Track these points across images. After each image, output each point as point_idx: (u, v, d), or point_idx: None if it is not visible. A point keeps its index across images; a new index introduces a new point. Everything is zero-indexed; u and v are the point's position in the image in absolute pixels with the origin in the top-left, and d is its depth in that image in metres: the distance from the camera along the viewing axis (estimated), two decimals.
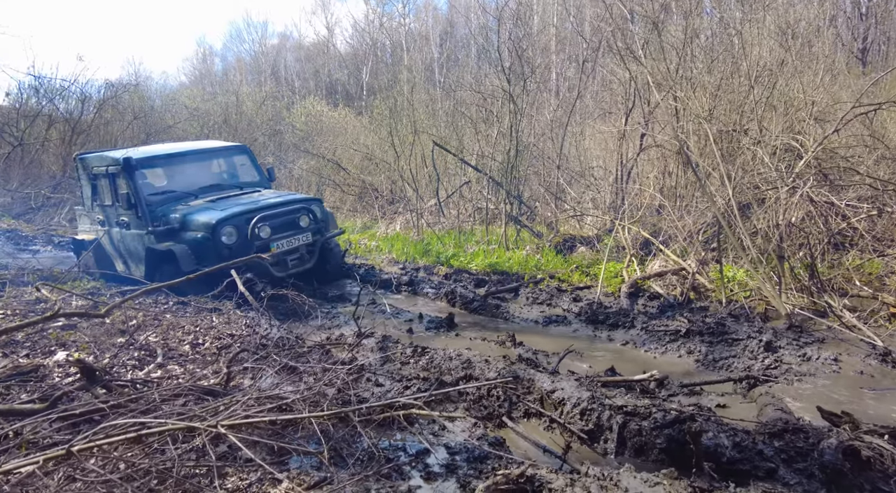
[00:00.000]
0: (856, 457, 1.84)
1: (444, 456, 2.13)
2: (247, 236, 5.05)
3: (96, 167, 5.96)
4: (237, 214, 5.18)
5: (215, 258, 4.68)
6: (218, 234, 4.94)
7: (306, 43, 45.75)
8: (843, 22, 33.19)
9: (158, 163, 6.00)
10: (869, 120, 6.23)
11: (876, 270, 6.44)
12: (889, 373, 3.16)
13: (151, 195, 5.56)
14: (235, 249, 4.95)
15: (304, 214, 5.68)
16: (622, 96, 9.42)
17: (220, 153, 6.77)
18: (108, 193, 5.87)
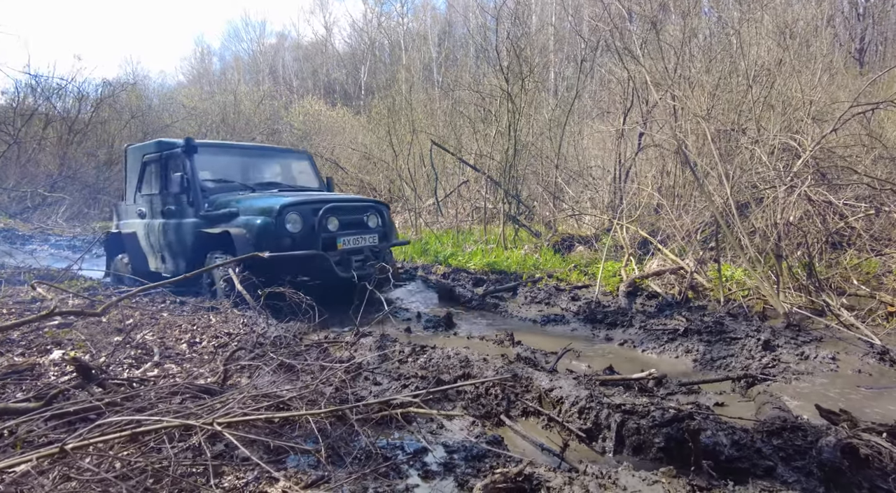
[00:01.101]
0: (854, 455, 1.84)
1: (442, 455, 2.12)
2: (313, 227, 4.67)
3: (149, 154, 5.74)
4: (304, 201, 4.83)
5: (276, 246, 4.36)
6: (282, 219, 4.53)
7: (304, 42, 45.71)
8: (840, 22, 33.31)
9: (218, 151, 5.79)
10: (867, 119, 6.24)
11: (874, 269, 6.45)
12: (887, 372, 3.16)
13: (207, 182, 5.27)
14: (299, 239, 4.58)
15: (372, 213, 5.32)
16: (620, 96, 9.44)
17: (282, 155, 6.55)
18: (156, 181, 5.61)
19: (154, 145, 5.78)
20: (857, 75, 15.97)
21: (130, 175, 6.14)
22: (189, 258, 5.07)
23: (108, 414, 1.99)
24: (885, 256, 6.43)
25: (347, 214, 5.09)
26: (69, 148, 17.37)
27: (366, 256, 5.11)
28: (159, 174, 5.54)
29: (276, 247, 4.33)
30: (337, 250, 4.80)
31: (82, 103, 18.35)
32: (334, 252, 4.75)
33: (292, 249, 4.48)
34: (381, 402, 2.20)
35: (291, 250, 4.49)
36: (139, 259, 5.88)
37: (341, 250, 4.83)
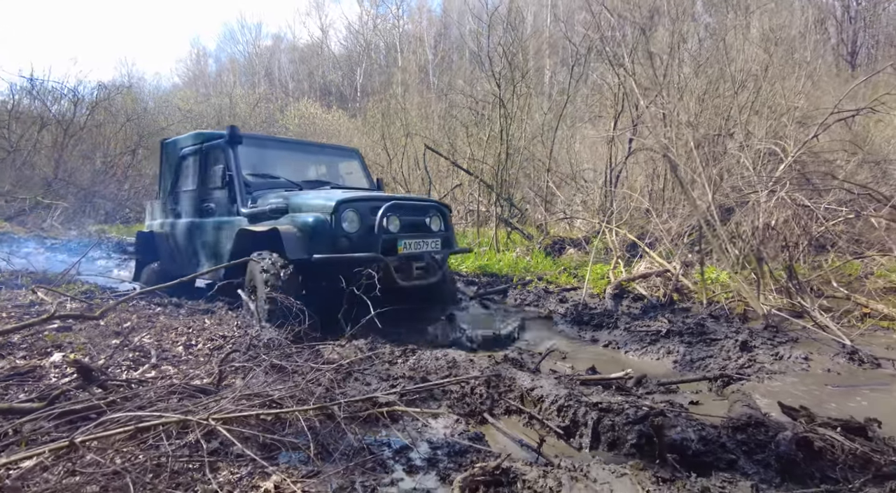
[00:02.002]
0: (809, 448, 1.97)
1: (426, 451, 2.24)
2: (371, 228, 4.11)
3: (187, 147, 5.36)
4: (363, 198, 4.31)
5: (330, 247, 3.89)
6: (339, 217, 3.99)
7: (300, 44, 45.78)
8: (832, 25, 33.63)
9: (263, 144, 5.32)
10: (848, 125, 6.40)
11: (855, 271, 6.62)
12: (855, 371, 3.30)
13: (251, 176, 4.77)
14: (356, 239, 4.03)
15: (435, 215, 4.75)
16: (611, 101, 9.60)
17: (331, 152, 6.03)
18: (194, 176, 5.22)
19: (193, 137, 5.42)
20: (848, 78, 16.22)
21: (166, 171, 5.78)
22: (228, 261, 4.50)
23: (109, 413, 2.11)
24: (866, 258, 6.60)
25: (409, 215, 4.52)
26: (64, 151, 17.41)
27: (427, 263, 4.52)
28: (198, 169, 5.16)
29: (331, 248, 3.89)
30: (397, 254, 4.23)
31: (77, 106, 18.40)
32: (394, 257, 4.18)
33: (349, 251, 3.98)
34: (364, 398, 2.32)
35: (348, 253, 3.98)
36: (171, 262, 5.52)
37: (401, 255, 4.26)
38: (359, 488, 1.98)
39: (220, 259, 4.72)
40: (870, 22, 34.00)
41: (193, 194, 5.21)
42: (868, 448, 1.95)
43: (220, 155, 4.85)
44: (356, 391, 2.75)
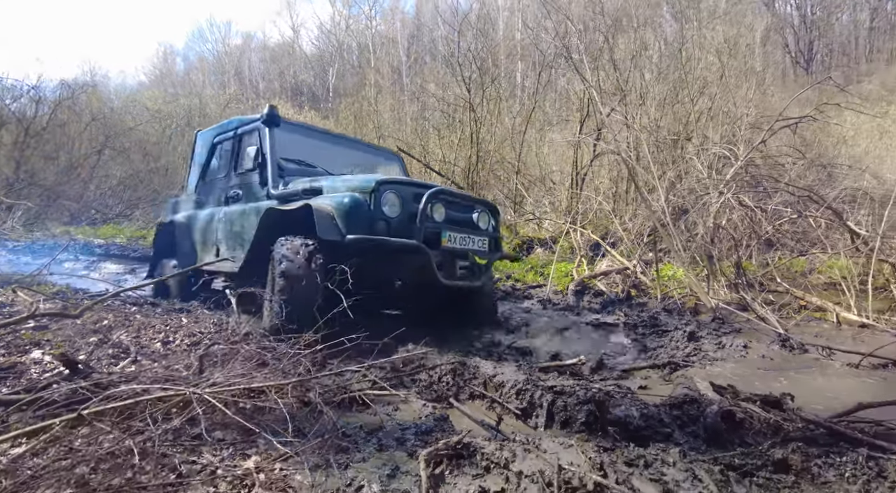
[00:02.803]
0: (731, 419, 2.24)
1: (396, 431, 2.44)
2: (413, 215, 3.69)
3: (221, 135, 5.14)
4: (405, 182, 3.95)
5: (366, 230, 3.48)
6: (378, 199, 3.60)
7: (271, 44, 45.32)
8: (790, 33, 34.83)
9: (302, 132, 5.01)
10: (793, 131, 6.84)
11: (800, 268, 7.08)
12: (787, 356, 3.64)
13: (285, 161, 4.49)
14: (395, 225, 3.62)
15: (484, 212, 4.36)
16: (577, 106, 9.96)
17: (371, 151, 5.64)
18: (225, 163, 4.98)
19: (229, 123, 5.20)
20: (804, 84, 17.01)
21: (195, 163, 5.57)
22: (251, 247, 4.06)
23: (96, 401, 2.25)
24: (808, 256, 7.08)
25: (455, 207, 4.14)
26: (25, 151, 16.96)
27: (472, 264, 4.19)
28: (229, 155, 4.92)
29: (368, 232, 3.47)
30: (440, 246, 3.79)
31: (39, 105, 17.94)
32: (436, 250, 3.75)
33: (386, 235, 3.54)
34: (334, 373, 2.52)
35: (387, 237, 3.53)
36: (189, 256, 5.22)
37: (444, 249, 3.84)
38: (333, 464, 2.17)
39: (241, 245, 4.28)
40: (823, 31, 35.55)
41: (221, 182, 4.96)
42: (780, 418, 2.24)
43: (255, 137, 4.58)
44: (331, 380, 2.94)
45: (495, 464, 2.05)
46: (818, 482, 1.92)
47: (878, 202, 6.81)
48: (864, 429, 2.13)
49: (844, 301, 4.87)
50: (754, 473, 1.98)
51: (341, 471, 2.13)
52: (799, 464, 1.98)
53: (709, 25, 10.19)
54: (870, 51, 32.63)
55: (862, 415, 2.30)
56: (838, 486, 1.88)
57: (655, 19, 11.72)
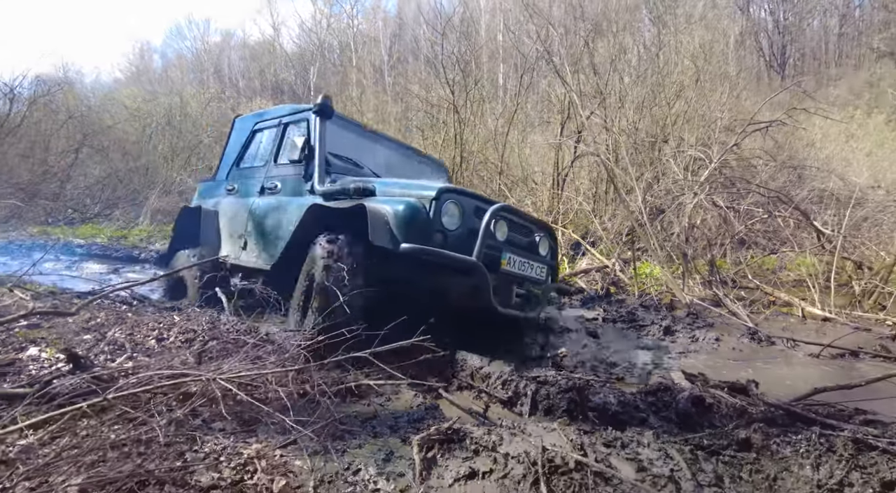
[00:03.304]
0: (701, 404, 2.43)
1: (389, 420, 2.58)
2: (473, 230, 3.34)
3: (263, 122, 4.87)
4: (468, 193, 3.58)
5: (422, 241, 3.11)
6: (438, 208, 3.24)
7: (251, 41, 44.87)
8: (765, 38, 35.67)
9: (351, 128, 4.65)
10: (763, 134, 7.16)
11: (772, 265, 7.39)
12: (755, 348, 3.87)
13: (332, 155, 4.15)
14: (452, 239, 3.25)
15: (545, 236, 3.96)
16: (558, 108, 10.19)
17: (420, 159, 5.30)
18: (265, 151, 4.67)
19: (274, 111, 4.95)
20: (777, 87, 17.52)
21: (231, 149, 5.28)
22: (286, 245, 3.73)
23: (101, 393, 2.34)
24: (779, 254, 7.39)
25: (517, 227, 3.75)
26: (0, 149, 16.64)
27: (528, 292, 3.76)
28: (272, 144, 4.63)
29: (424, 243, 3.11)
30: (498, 269, 3.42)
31: (14, 103, 17.59)
32: (494, 273, 3.36)
33: (443, 247, 3.18)
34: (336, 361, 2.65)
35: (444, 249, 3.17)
36: (211, 244, 4.85)
37: (503, 272, 3.47)
38: (331, 450, 2.30)
39: (274, 241, 3.97)
40: (796, 36, 36.52)
41: (258, 172, 4.67)
42: (745, 402, 2.44)
43: (303, 127, 4.30)
44: (326, 373, 3.06)
45: (484, 447, 2.20)
46: (776, 458, 2.11)
47: (842, 203, 7.15)
48: (817, 410, 2.34)
49: (810, 297, 5.15)
50: (720, 452, 2.16)
51: (339, 456, 2.26)
52: (760, 443, 2.18)
53: (685, 30, 10.51)
54: (839, 56, 33.63)
55: (817, 398, 2.51)
56: (794, 460, 2.07)
57: (634, 24, 12.02)
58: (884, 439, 2.04)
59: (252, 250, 4.30)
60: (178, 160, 15.76)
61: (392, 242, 3.09)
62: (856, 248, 6.67)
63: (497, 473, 2.02)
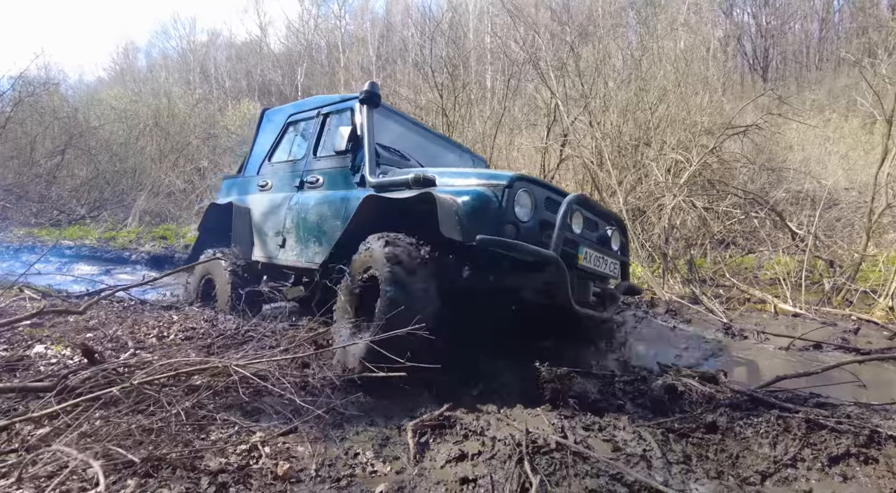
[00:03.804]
0: (673, 392, 2.64)
1: (385, 409, 2.76)
2: (543, 221, 3.06)
3: (298, 114, 4.64)
4: (540, 183, 3.25)
5: (494, 230, 2.83)
6: (511, 197, 2.92)
7: (238, 41, 44.67)
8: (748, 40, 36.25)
9: (396, 118, 4.39)
10: (740, 138, 7.43)
11: (750, 264, 7.67)
12: (729, 342, 4.10)
13: (379, 146, 3.83)
14: (525, 230, 2.93)
15: (616, 229, 3.68)
16: (544, 111, 10.41)
17: (460, 152, 4.97)
18: (302, 144, 4.45)
19: (309, 102, 4.69)
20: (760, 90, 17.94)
21: (261, 143, 5.02)
22: (337, 241, 3.41)
23: (119, 382, 2.48)
24: (758, 253, 7.68)
25: (590, 220, 3.49)
26: None
27: (602, 290, 3.56)
28: (309, 137, 4.39)
29: (496, 235, 2.79)
30: (575, 265, 3.13)
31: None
32: (572, 269, 3.05)
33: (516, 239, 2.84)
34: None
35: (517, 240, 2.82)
36: (247, 245, 4.53)
37: (581, 267, 3.18)
38: (332, 436, 2.47)
39: (319, 238, 3.71)
40: (777, 39, 37.25)
41: (295, 166, 4.40)
42: (714, 390, 2.65)
43: (346, 117, 4.04)
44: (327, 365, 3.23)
45: (473, 432, 2.39)
46: (739, 438, 2.32)
47: (817, 204, 7.45)
48: (777, 396, 2.56)
49: (783, 294, 5.40)
50: (689, 434, 2.37)
51: (339, 443, 2.43)
52: (725, 425, 2.39)
53: (669, 35, 10.79)
54: (819, 59, 34.35)
55: (779, 386, 2.73)
56: (754, 440, 2.28)
57: (619, 29, 12.30)
58: (832, 419, 2.26)
59: (293, 247, 4.02)
60: (166, 162, 15.74)
61: (463, 234, 2.75)
62: (828, 247, 6.96)
63: (485, 454, 2.20)
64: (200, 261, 4.59)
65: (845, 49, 18.69)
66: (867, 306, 5.37)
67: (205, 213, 5.14)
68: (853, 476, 2.05)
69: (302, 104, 4.71)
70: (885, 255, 6.36)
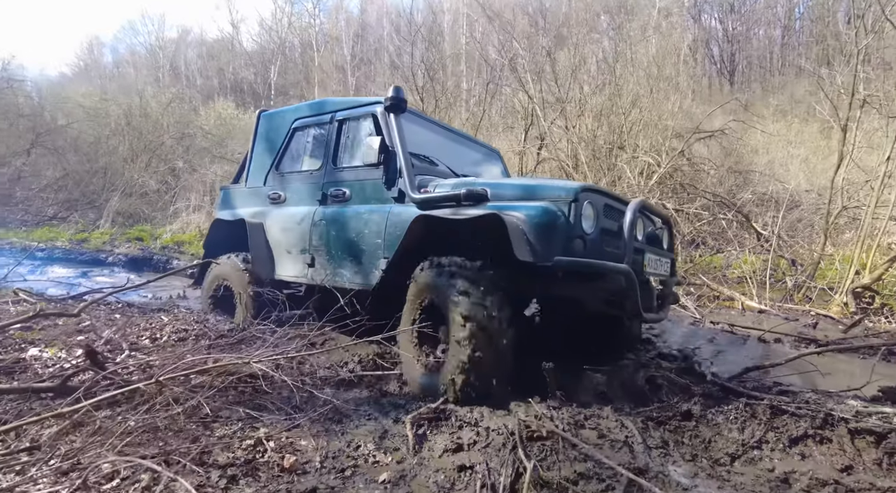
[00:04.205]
0: (653, 383, 2.84)
1: (382, 405, 2.89)
2: (605, 229, 2.96)
3: (305, 118, 4.31)
4: (599, 191, 3.07)
5: (564, 251, 2.68)
6: (578, 210, 2.79)
7: (209, 39, 43.89)
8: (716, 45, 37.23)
9: (416, 120, 4.07)
10: (706, 142, 7.79)
11: (719, 263, 8.02)
12: (700, 332, 4.36)
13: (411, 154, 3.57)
14: (590, 243, 2.82)
15: (665, 228, 3.67)
16: (522, 115, 10.65)
17: (477, 147, 4.81)
18: (318, 153, 4.17)
19: (314, 106, 4.35)
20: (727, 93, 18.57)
21: (261, 150, 4.67)
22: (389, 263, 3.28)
23: (119, 384, 2.56)
24: (726, 253, 8.04)
25: (650, 219, 3.52)
26: None
27: (663, 291, 3.43)
28: (325, 145, 4.09)
29: (566, 253, 2.69)
30: (643, 272, 3.11)
31: None
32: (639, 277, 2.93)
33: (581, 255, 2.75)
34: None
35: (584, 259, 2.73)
36: (266, 263, 4.26)
37: (647, 273, 3.17)
38: (333, 429, 2.60)
39: (365, 262, 3.53)
40: (743, 44, 38.45)
41: (312, 177, 4.12)
42: (689, 381, 2.86)
43: (368, 124, 3.82)
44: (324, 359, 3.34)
45: (467, 423, 2.54)
46: (711, 425, 2.54)
47: (780, 205, 7.85)
48: (745, 385, 2.79)
49: (749, 291, 5.72)
50: (667, 421, 2.58)
51: (340, 437, 2.56)
52: (698, 413, 2.60)
53: (642, 40, 11.14)
54: (782, 65, 35.59)
55: (747, 377, 2.96)
56: (724, 426, 2.50)
57: (593, 34, 12.63)
58: (793, 404, 2.49)
59: (325, 266, 3.80)
60: (139, 162, 15.45)
61: (536, 256, 2.62)
62: (790, 247, 7.35)
63: (480, 443, 2.36)
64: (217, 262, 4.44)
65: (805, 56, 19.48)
66: (825, 302, 5.73)
67: (210, 229, 4.85)
68: (810, 455, 2.28)
69: (308, 107, 4.40)
70: (841, 254, 6.78)
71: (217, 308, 4.47)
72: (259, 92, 37.39)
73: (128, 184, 14.71)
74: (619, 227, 2.97)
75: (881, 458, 2.17)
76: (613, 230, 2.98)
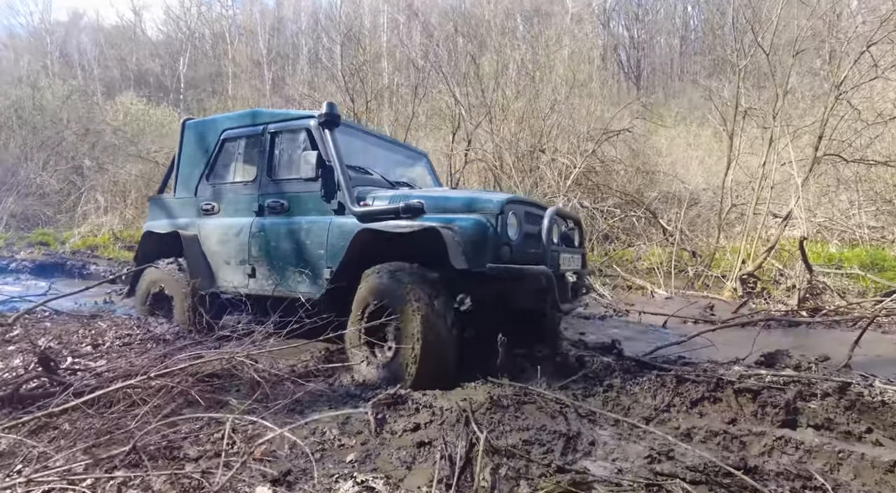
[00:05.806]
0: (580, 361, 3.26)
1: (341, 395, 3.10)
2: (528, 235, 3.39)
3: (234, 129, 4.32)
4: (521, 201, 3.50)
5: (493, 258, 3.08)
6: (504, 221, 3.17)
7: (107, 25, 40.71)
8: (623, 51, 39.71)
9: (353, 133, 4.23)
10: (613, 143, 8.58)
11: (631, 256, 8.81)
12: (617, 320, 4.91)
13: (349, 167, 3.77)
14: (515, 248, 3.23)
15: (577, 227, 4.16)
16: (448, 117, 11.03)
17: (404, 152, 4.94)
18: (251, 165, 4.21)
19: (244, 117, 4.35)
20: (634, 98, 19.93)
21: (189, 160, 4.62)
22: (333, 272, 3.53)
23: (71, 392, 2.59)
24: (636, 246, 8.86)
25: (563, 222, 3.96)
26: None
27: (574, 284, 3.78)
28: (257, 156, 4.15)
29: (494, 260, 3.09)
30: (558, 270, 3.53)
31: None
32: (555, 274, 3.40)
33: (509, 263, 3.15)
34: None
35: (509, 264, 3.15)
36: (204, 274, 4.28)
37: (561, 271, 3.58)
38: (297, 419, 2.78)
39: (310, 273, 3.72)
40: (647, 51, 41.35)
41: (246, 188, 4.20)
42: (612, 359, 3.31)
43: (302, 138, 3.92)
44: None
45: (423, 405, 2.82)
46: (630, 394, 2.99)
47: (681, 203, 8.77)
48: (656, 360, 3.28)
49: (657, 281, 6.44)
50: (594, 393, 2.99)
51: (304, 426, 2.74)
52: (619, 385, 3.04)
53: (556, 45, 11.87)
54: (681, 72, 38.68)
55: (658, 353, 3.47)
56: (640, 395, 2.96)
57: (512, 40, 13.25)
58: (693, 373, 3.00)
59: (267, 277, 3.95)
60: (36, 160, 14.19)
61: (470, 263, 3.03)
62: (691, 240, 8.24)
63: (436, 422, 2.64)
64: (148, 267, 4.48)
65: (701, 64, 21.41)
66: (720, 288, 6.58)
67: (141, 241, 4.82)
68: (706, 413, 2.78)
69: (238, 118, 4.41)
70: (731, 246, 7.76)
71: (154, 314, 4.45)
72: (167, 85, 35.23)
73: (23, 184, 13.49)
74: (538, 231, 3.43)
75: (757, 410, 2.70)
76: (534, 233, 3.43)
